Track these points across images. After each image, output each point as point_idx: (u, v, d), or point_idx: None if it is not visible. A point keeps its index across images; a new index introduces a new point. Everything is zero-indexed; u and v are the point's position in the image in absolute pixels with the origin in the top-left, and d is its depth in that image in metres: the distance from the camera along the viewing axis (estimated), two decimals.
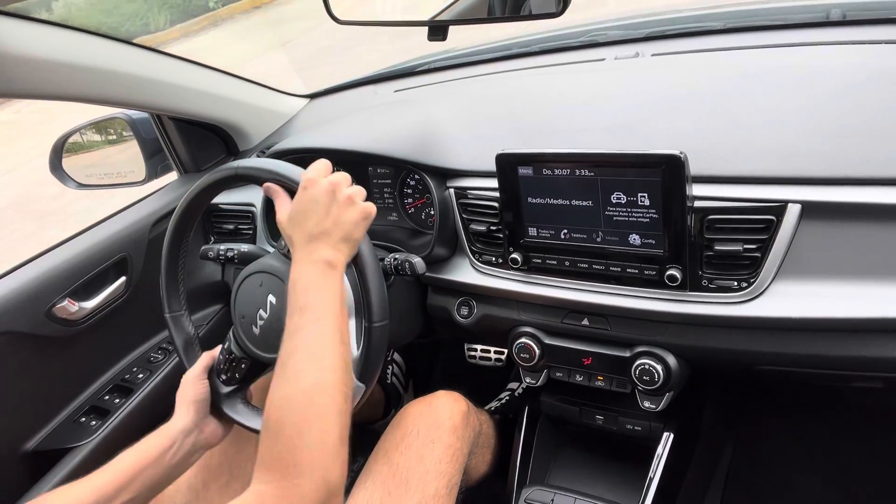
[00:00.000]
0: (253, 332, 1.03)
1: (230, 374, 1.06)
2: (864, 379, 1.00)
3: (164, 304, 1.13)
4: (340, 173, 0.94)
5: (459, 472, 1.13)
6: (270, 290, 1.01)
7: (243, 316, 1.04)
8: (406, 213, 1.39)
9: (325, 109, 1.65)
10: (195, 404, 1.02)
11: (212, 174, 1.04)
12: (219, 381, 1.06)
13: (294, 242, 0.90)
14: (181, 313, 1.14)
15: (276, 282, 1.00)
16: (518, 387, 1.54)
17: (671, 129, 1.07)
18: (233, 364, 1.06)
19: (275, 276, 1.00)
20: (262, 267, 1.03)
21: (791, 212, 0.91)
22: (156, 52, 1.28)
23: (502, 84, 1.45)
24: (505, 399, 1.54)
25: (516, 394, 1.53)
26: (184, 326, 1.14)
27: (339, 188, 0.91)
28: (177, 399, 1.03)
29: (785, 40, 1.24)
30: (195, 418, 1.01)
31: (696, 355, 1.06)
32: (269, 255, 1.07)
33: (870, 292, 0.89)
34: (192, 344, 1.14)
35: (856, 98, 0.99)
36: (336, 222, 0.90)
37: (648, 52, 1.36)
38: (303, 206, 0.90)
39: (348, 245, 0.91)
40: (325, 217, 0.89)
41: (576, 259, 1.06)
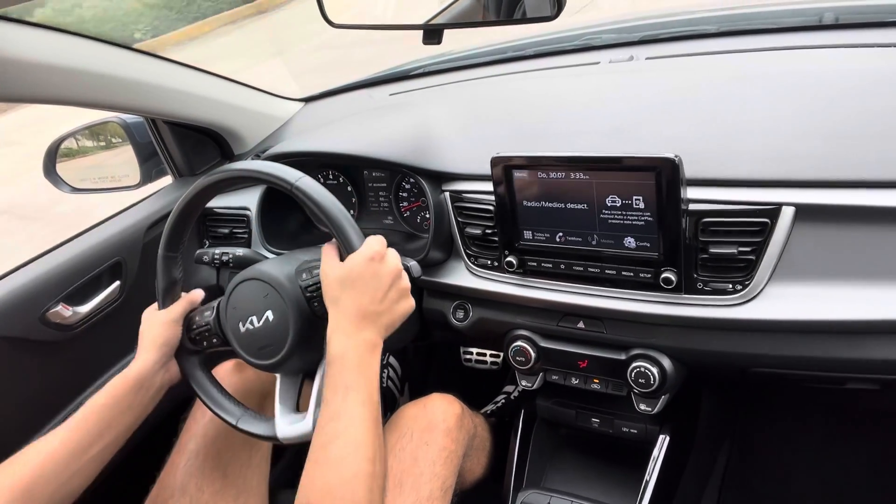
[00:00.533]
0: (238, 327, 1.02)
1: (198, 339, 1.07)
2: (859, 381, 1.00)
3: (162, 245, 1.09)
4: (391, 250, 0.93)
5: (454, 475, 1.13)
6: (271, 307, 0.99)
7: (235, 307, 1.03)
8: (401, 216, 1.39)
9: (321, 113, 1.65)
10: (164, 347, 1.03)
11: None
12: (186, 335, 1.07)
13: (340, 310, 0.88)
14: (175, 255, 1.10)
15: (278, 300, 0.98)
16: (514, 390, 1.54)
17: (666, 132, 1.07)
18: (206, 333, 1.06)
19: (279, 294, 0.98)
20: (268, 279, 1.00)
21: (785, 215, 0.91)
22: (150, 55, 1.28)
23: (497, 87, 1.45)
24: (501, 402, 1.54)
25: (512, 397, 1.53)
26: (171, 270, 1.10)
27: (402, 275, 0.92)
28: (143, 338, 1.03)
29: (778, 44, 1.25)
30: (162, 360, 1.02)
31: (692, 358, 1.06)
32: (272, 262, 1.04)
33: (864, 294, 0.90)
34: (174, 287, 1.10)
35: (849, 101, 1.00)
36: (389, 308, 0.89)
37: (643, 55, 1.36)
38: (363, 277, 0.88)
39: (388, 333, 0.90)
40: (383, 299, 0.88)
41: (571, 262, 1.06)
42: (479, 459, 1.31)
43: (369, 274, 0.88)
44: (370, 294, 0.88)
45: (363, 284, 0.88)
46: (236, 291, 1.03)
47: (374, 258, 0.89)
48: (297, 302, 0.98)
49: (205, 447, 1.13)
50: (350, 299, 0.87)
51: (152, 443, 1.26)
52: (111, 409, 0.95)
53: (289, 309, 0.98)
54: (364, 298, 0.87)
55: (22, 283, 1.20)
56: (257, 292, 1.00)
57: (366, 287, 0.88)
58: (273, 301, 0.99)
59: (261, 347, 1.01)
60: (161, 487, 1.10)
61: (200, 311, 1.09)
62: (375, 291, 0.88)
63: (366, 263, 0.88)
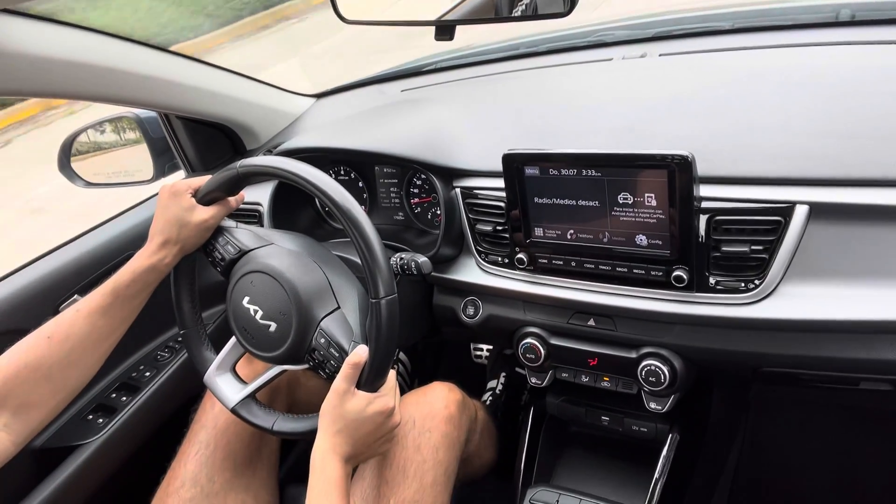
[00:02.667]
0: (242, 300, 1.03)
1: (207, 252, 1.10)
2: (872, 381, 0.99)
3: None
4: (399, 401, 1.00)
5: (457, 461, 1.14)
6: (278, 322, 1.00)
7: (252, 283, 1.03)
8: (412, 212, 1.39)
9: (332, 109, 1.66)
10: (190, 249, 1.06)
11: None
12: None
13: (335, 440, 0.92)
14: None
15: (287, 326, 0.99)
16: (497, 384, 1.54)
17: (679, 129, 1.06)
18: (218, 259, 1.09)
19: (292, 323, 0.99)
20: (295, 303, 0.99)
21: (799, 213, 0.90)
22: (164, 51, 1.29)
23: (509, 84, 1.45)
24: (488, 400, 1.54)
25: (497, 391, 1.53)
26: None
27: (396, 426, 0.99)
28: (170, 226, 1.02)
29: (793, 41, 1.23)
30: (181, 258, 1.06)
31: (703, 356, 1.05)
32: (308, 283, 1.02)
33: (878, 294, 0.89)
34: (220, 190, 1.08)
35: (864, 99, 0.99)
36: (371, 453, 0.99)
37: (656, 52, 1.35)
38: (368, 426, 0.94)
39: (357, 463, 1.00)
40: (372, 445, 0.96)
41: (582, 259, 1.05)
42: (485, 443, 1.31)
43: (373, 426, 0.94)
44: (364, 441, 0.95)
45: (363, 433, 0.94)
46: (263, 278, 1.02)
47: (384, 412, 0.95)
48: (299, 345, 1.00)
49: (215, 438, 1.14)
50: (347, 438, 0.93)
51: (163, 433, 1.28)
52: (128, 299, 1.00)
53: (289, 341, 0.99)
54: (358, 443, 0.94)
55: (37, 276, 1.21)
56: (277, 300, 1.00)
57: (365, 436, 0.94)
58: (284, 322, 1.00)
59: (247, 331, 1.04)
60: (172, 477, 1.11)
61: (227, 238, 1.08)
62: (369, 440, 0.95)
63: (375, 415, 0.94)
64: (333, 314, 1.01)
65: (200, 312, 1.14)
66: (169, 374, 1.39)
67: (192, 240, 1.04)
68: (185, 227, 1.02)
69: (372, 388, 0.94)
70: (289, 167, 0.98)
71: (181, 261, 1.08)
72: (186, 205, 1.03)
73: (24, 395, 0.89)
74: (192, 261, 1.11)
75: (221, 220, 1.08)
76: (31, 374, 0.90)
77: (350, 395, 0.93)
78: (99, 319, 0.97)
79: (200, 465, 1.11)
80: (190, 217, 1.03)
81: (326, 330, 0.98)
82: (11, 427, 0.88)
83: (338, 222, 0.95)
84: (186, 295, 1.12)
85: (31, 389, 0.90)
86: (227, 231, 1.09)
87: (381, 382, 0.95)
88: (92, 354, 0.97)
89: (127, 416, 1.29)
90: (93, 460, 1.23)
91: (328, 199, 0.95)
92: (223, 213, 1.07)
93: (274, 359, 1.02)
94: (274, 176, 1.03)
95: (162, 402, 1.36)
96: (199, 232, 1.05)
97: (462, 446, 1.17)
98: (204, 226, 1.04)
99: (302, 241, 1.12)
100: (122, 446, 1.29)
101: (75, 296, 1.25)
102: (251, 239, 1.08)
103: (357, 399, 0.93)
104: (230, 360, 1.10)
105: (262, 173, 1.02)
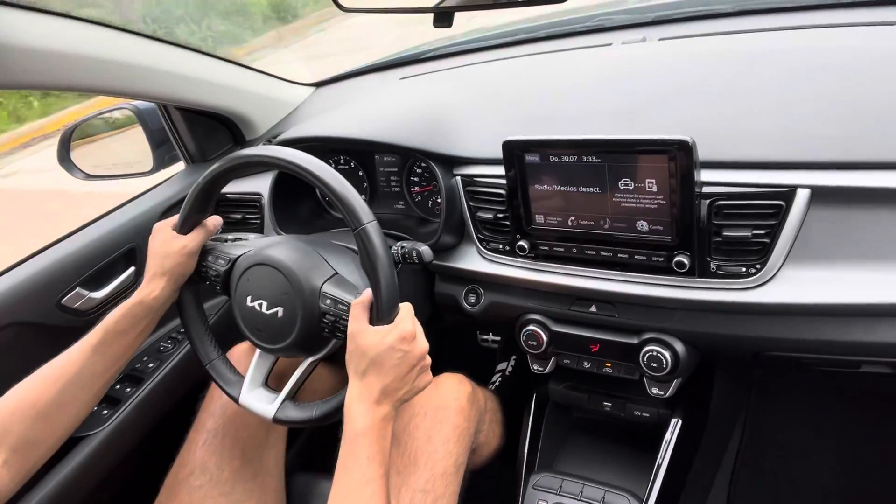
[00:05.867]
0: (245, 300, 1.04)
1: (202, 276, 1.10)
2: (873, 364, 0.99)
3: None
4: (419, 327, 0.94)
5: (466, 452, 1.16)
6: (284, 306, 1.00)
7: (249, 280, 1.04)
8: (413, 200, 1.39)
9: (332, 98, 1.65)
10: (180, 279, 1.07)
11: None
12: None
13: (365, 384, 0.88)
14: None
15: (293, 304, 0.99)
16: (506, 366, 1.55)
17: (679, 113, 1.06)
18: (213, 276, 1.09)
19: (296, 300, 0.99)
20: (292, 280, 0.99)
21: (800, 197, 0.90)
22: (161, 41, 1.28)
23: (509, 70, 1.44)
24: (497, 381, 1.55)
25: (506, 373, 1.54)
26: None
27: (425, 353, 0.92)
28: (156, 261, 1.05)
29: (794, 23, 1.23)
30: (173, 290, 1.06)
31: (705, 341, 1.06)
32: (300, 258, 1.02)
33: (879, 278, 0.89)
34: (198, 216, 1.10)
35: (865, 81, 0.98)
36: (410, 388, 0.91)
37: (655, 36, 1.35)
38: (392, 358, 0.88)
39: (402, 404, 0.92)
40: (405, 378, 0.89)
41: (583, 246, 1.05)
42: (493, 432, 1.33)
43: (398, 356, 0.88)
44: (394, 374, 0.88)
45: (391, 366, 0.88)
46: (256, 270, 1.03)
47: (406, 338, 0.89)
48: (310, 317, 0.99)
49: (223, 426, 1.15)
50: (375, 377, 0.88)
51: (168, 423, 1.28)
52: (119, 335, 1.00)
53: (300, 318, 0.99)
54: (388, 378, 0.88)
55: (38, 269, 1.21)
56: (276, 284, 1.01)
57: (393, 368, 0.88)
58: (288, 301, 1.00)
59: (259, 329, 1.04)
60: (181, 465, 1.12)
61: (216, 255, 1.10)
62: (400, 372, 0.89)
63: (396, 342, 0.88)
64: (332, 278, 1.01)
65: (216, 344, 1.14)
66: (172, 364, 1.39)
67: (178, 268, 1.06)
68: (168, 258, 1.05)
69: (387, 320, 0.91)
70: (247, 155, 1.00)
71: (182, 294, 1.09)
72: (167, 237, 1.06)
73: (21, 432, 0.90)
74: (193, 292, 1.12)
75: (203, 243, 1.09)
76: (28, 412, 0.91)
77: (365, 333, 0.89)
78: (92, 357, 0.97)
79: (209, 453, 1.12)
80: (170, 247, 1.05)
81: (329, 293, 0.99)
82: (11, 464, 0.89)
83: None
84: (198, 327, 1.12)
85: (28, 427, 0.90)
86: (214, 249, 1.11)
87: (394, 313, 0.91)
88: (87, 392, 0.97)
89: (131, 407, 1.30)
90: (98, 451, 1.24)
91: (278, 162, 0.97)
92: (202, 236, 1.08)
93: (293, 345, 1.01)
94: (237, 169, 1.03)
95: (166, 393, 1.37)
96: (183, 259, 1.06)
97: (472, 437, 1.19)
98: (185, 251, 1.06)
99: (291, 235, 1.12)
100: (127, 437, 1.29)
101: (77, 288, 1.25)
102: (238, 248, 1.10)
103: (373, 333, 0.89)
104: (259, 376, 1.09)
105: (225, 172, 1.03)
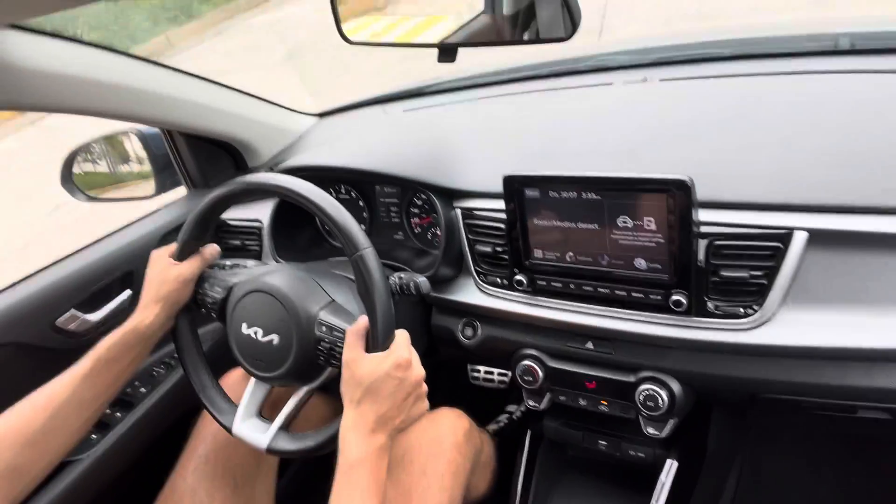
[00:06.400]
0: (241, 327, 1.03)
1: (199, 304, 1.11)
2: (870, 409, 0.98)
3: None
4: (415, 354, 0.93)
5: (461, 488, 1.13)
6: (280, 332, 1.00)
7: (245, 308, 1.04)
8: (412, 232, 1.39)
9: (335, 128, 1.66)
10: (174, 306, 1.07)
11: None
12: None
13: (360, 413, 0.87)
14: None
15: (289, 331, 0.99)
16: (516, 410, 1.53)
17: (678, 153, 1.07)
18: (209, 304, 1.09)
19: (292, 327, 0.99)
20: (288, 307, 0.99)
21: (797, 239, 0.90)
22: (167, 68, 1.30)
23: (510, 106, 1.46)
24: (503, 422, 1.53)
25: (514, 417, 1.52)
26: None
27: (421, 381, 0.91)
28: (152, 288, 1.05)
29: (793, 68, 1.24)
30: (168, 317, 1.06)
31: (701, 381, 1.05)
32: (296, 286, 1.02)
33: (877, 322, 0.89)
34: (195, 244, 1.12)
35: (863, 127, 0.99)
36: (406, 417, 0.90)
37: (656, 77, 1.36)
38: (387, 386, 0.87)
39: (397, 433, 0.91)
40: (400, 407, 0.88)
41: (581, 282, 1.05)
42: (484, 476, 1.31)
43: (393, 384, 0.87)
44: (390, 402, 0.87)
45: (386, 394, 0.87)
46: (252, 297, 1.03)
47: (402, 365, 0.88)
48: (305, 344, 0.99)
49: (214, 452, 1.13)
50: (370, 405, 0.87)
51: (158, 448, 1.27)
52: (111, 363, 0.99)
53: (295, 345, 0.99)
54: (384, 406, 0.87)
55: (34, 290, 1.21)
56: (272, 311, 1.00)
57: (388, 397, 0.87)
58: (284, 328, 1.00)
59: (255, 357, 1.03)
60: (171, 491, 1.10)
61: (212, 282, 1.10)
62: (396, 400, 0.87)
63: (392, 370, 0.87)
64: (329, 306, 1.01)
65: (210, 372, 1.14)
66: (165, 390, 1.38)
67: (173, 295, 1.06)
68: (164, 284, 1.05)
69: (382, 347, 0.90)
70: (245, 182, 1.02)
71: (178, 322, 1.10)
72: (164, 265, 1.07)
73: (9, 459, 0.89)
74: (188, 320, 1.12)
75: (200, 271, 1.10)
76: (16, 438, 0.90)
77: (361, 361, 0.88)
78: (82, 384, 0.97)
79: (199, 479, 1.11)
80: (167, 274, 1.06)
81: (325, 320, 0.98)
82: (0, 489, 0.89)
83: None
84: (193, 355, 1.12)
85: (17, 454, 0.90)
86: (211, 276, 1.11)
87: (389, 340, 0.91)
88: (77, 419, 0.96)
89: (121, 433, 1.29)
90: (86, 476, 1.22)
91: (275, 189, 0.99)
92: (199, 264, 1.09)
93: (289, 373, 1.00)
94: (235, 196, 1.05)
95: (157, 418, 1.35)
96: (178, 286, 1.06)
97: (467, 475, 1.16)
98: (181, 279, 1.06)
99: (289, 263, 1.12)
100: (115, 462, 1.28)
101: (72, 310, 1.24)
102: (236, 276, 1.10)
103: (368, 360, 0.88)
104: (253, 405, 1.08)
105: (222, 199, 1.05)
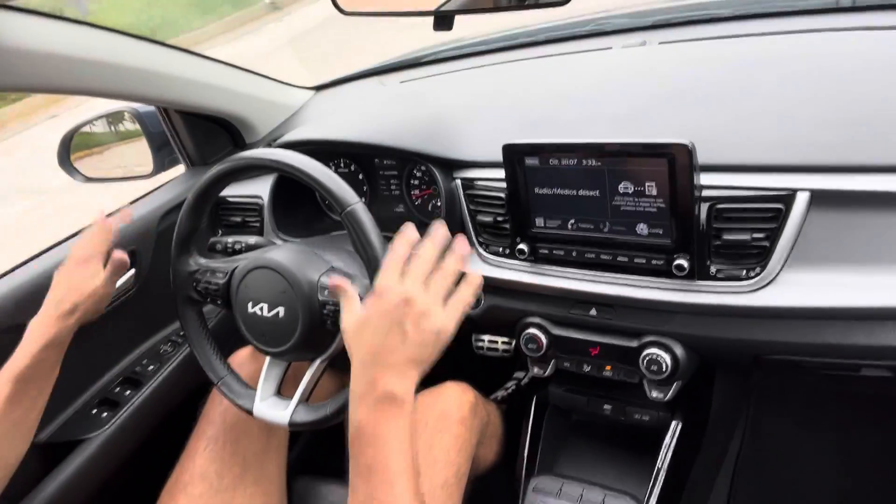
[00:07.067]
0: (247, 307, 1.03)
1: (203, 295, 1.10)
2: (873, 367, 0.99)
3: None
4: (427, 251, 0.78)
5: (468, 462, 1.14)
6: (285, 304, 1.00)
7: (248, 287, 1.04)
8: (412, 204, 1.39)
9: (331, 101, 1.65)
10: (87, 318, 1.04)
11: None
12: (192, 287, 1.10)
13: (354, 364, 0.74)
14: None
15: (293, 301, 0.99)
16: (524, 376, 1.54)
17: (679, 117, 1.06)
18: (213, 292, 1.09)
19: (295, 296, 0.99)
20: (289, 277, 0.99)
21: (800, 200, 0.90)
22: (161, 44, 1.28)
23: (508, 74, 1.44)
24: (511, 388, 1.55)
25: (522, 383, 1.53)
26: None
27: (414, 298, 0.73)
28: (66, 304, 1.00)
29: (794, 27, 1.23)
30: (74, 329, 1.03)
31: (704, 345, 1.06)
32: (294, 257, 1.03)
33: (879, 281, 0.89)
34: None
35: (865, 85, 0.98)
36: (404, 341, 0.72)
37: (655, 40, 1.35)
38: (369, 318, 0.74)
39: (418, 369, 0.74)
40: (390, 334, 0.73)
41: (583, 249, 1.05)
42: (492, 446, 1.32)
43: (375, 312, 0.74)
44: (378, 336, 0.73)
45: (372, 327, 0.74)
46: (253, 275, 1.04)
47: (380, 293, 0.75)
48: (311, 311, 0.99)
49: (224, 433, 1.14)
50: (358, 346, 0.75)
51: (169, 427, 1.28)
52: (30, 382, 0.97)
53: (301, 314, 0.99)
54: (373, 340, 0.74)
55: (38, 271, 1.21)
56: (274, 284, 1.01)
57: (375, 329, 0.74)
58: (288, 300, 1.00)
59: (263, 334, 1.04)
60: (181, 472, 1.11)
61: (212, 271, 1.10)
62: (381, 330, 0.73)
63: (374, 301, 0.75)
64: (328, 271, 1.02)
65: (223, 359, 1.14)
66: (172, 367, 1.39)
67: (91, 309, 1.04)
68: (82, 298, 1.02)
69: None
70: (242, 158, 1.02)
71: (186, 315, 1.10)
72: (81, 277, 1.03)
73: None
74: (196, 312, 1.13)
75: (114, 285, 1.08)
76: None
77: (359, 313, 0.77)
78: (8, 407, 0.94)
79: (209, 460, 1.11)
80: (85, 288, 1.02)
81: (327, 284, 1.00)
82: None
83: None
84: (205, 347, 1.12)
85: None
86: (209, 267, 1.11)
87: None
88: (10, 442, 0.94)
89: (131, 411, 1.30)
90: (98, 454, 1.23)
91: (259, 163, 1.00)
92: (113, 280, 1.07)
93: (299, 344, 1.01)
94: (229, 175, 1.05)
95: (166, 396, 1.37)
96: (96, 301, 1.04)
97: (474, 448, 1.17)
98: (96, 296, 1.04)
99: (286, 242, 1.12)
100: (127, 440, 1.29)
101: None
102: (234, 261, 1.10)
103: (367, 308, 0.76)
104: (270, 386, 1.08)
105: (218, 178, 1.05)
